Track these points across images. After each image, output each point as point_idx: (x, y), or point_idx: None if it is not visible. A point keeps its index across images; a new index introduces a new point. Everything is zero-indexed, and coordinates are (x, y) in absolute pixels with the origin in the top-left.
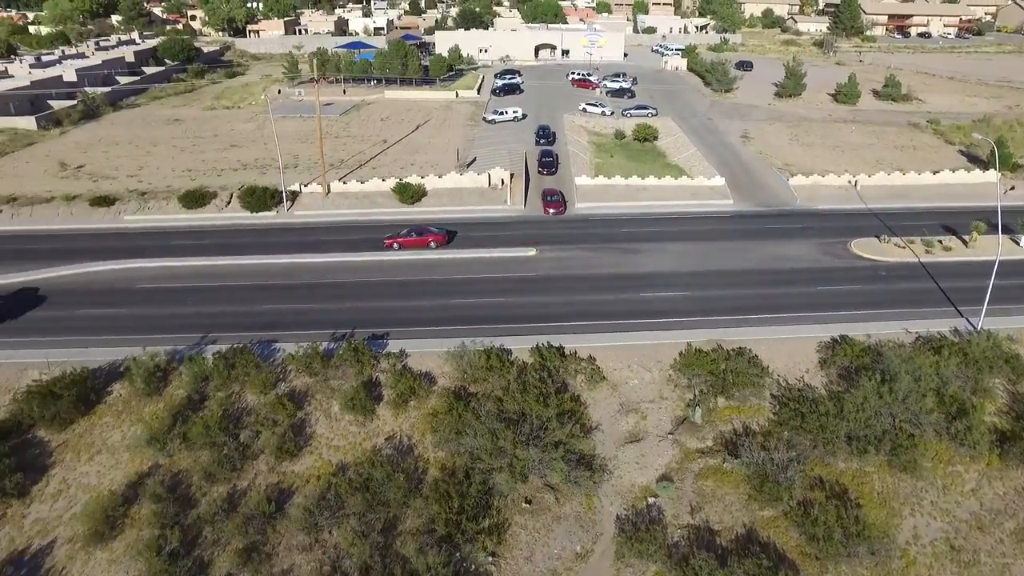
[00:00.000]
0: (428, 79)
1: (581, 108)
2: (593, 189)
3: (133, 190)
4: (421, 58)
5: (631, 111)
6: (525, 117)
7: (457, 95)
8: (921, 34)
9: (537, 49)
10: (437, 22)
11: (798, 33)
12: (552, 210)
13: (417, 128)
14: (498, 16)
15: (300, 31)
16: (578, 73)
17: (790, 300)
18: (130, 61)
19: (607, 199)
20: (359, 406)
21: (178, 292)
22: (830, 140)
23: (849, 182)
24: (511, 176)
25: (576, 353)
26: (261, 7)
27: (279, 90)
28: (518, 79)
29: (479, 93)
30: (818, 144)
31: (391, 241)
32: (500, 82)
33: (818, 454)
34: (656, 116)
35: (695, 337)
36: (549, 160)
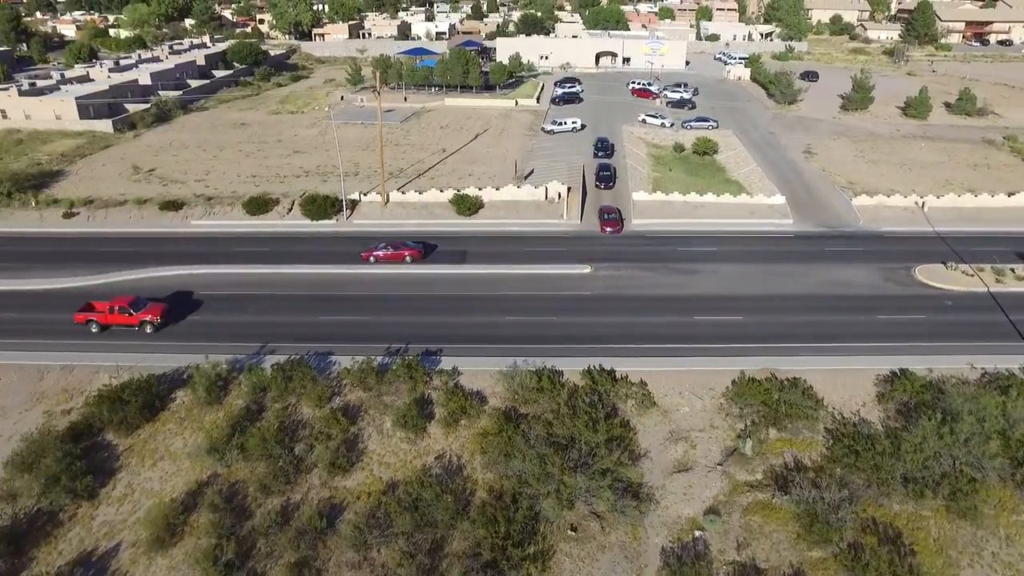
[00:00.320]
0: (488, 86)
1: (640, 119)
2: (650, 205)
3: (200, 195)
4: (482, 65)
5: (691, 123)
6: (584, 128)
7: (517, 103)
8: (1001, 42)
9: (598, 57)
10: (499, 27)
11: (867, 41)
12: (609, 228)
13: (476, 137)
14: (559, 21)
15: (364, 35)
16: (638, 83)
17: (848, 329)
18: (201, 64)
19: (664, 216)
20: (411, 424)
21: (239, 300)
22: (897, 157)
23: (916, 203)
24: (568, 190)
25: (627, 377)
26: (327, 9)
27: (341, 96)
28: (578, 88)
29: (538, 102)
30: (884, 161)
31: (367, 254)
32: (560, 91)
33: (872, 494)
34: (716, 128)
35: (748, 365)
36: (607, 175)
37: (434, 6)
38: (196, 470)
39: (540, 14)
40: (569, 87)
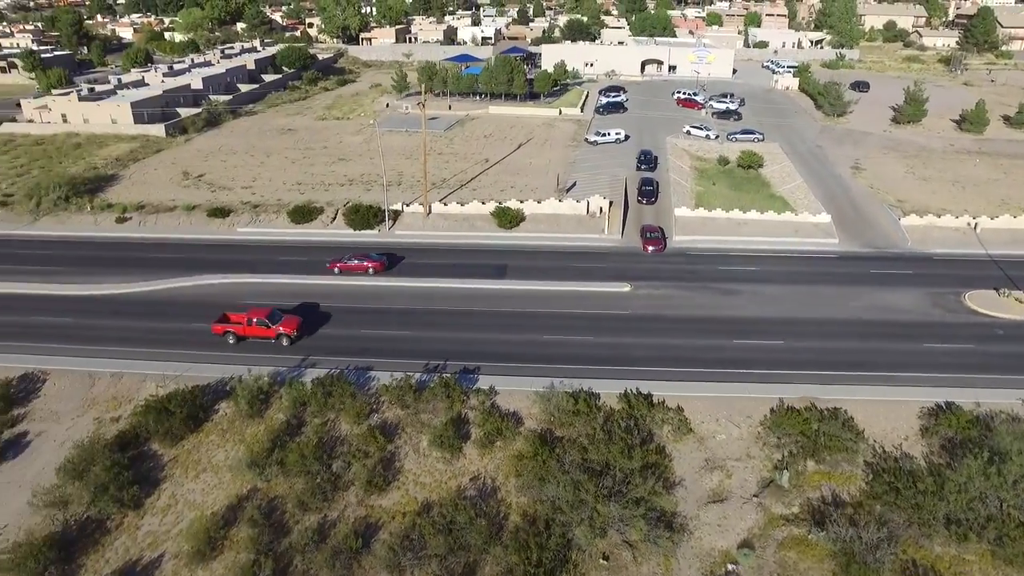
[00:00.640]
0: (533, 94)
1: (685, 130)
2: (692, 221)
3: (246, 202)
4: (527, 72)
5: (737, 135)
6: (628, 139)
7: (560, 112)
8: None
9: (643, 64)
10: (544, 32)
11: (922, 48)
12: (651, 247)
13: (519, 147)
14: (605, 26)
15: (410, 39)
16: (684, 92)
17: (892, 357)
18: (251, 69)
19: (706, 233)
20: (447, 444)
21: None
22: (950, 174)
23: (968, 224)
24: (610, 204)
25: (664, 402)
26: (374, 12)
27: (387, 104)
28: (622, 96)
29: (582, 111)
30: (936, 178)
31: (332, 264)
32: (604, 99)
33: (912, 535)
34: (762, 141)
35: (788, 393)
36: (649, 189)
37: (480, 10)
38: (237, 484)
39: (586, 19)
40: (613, 96)
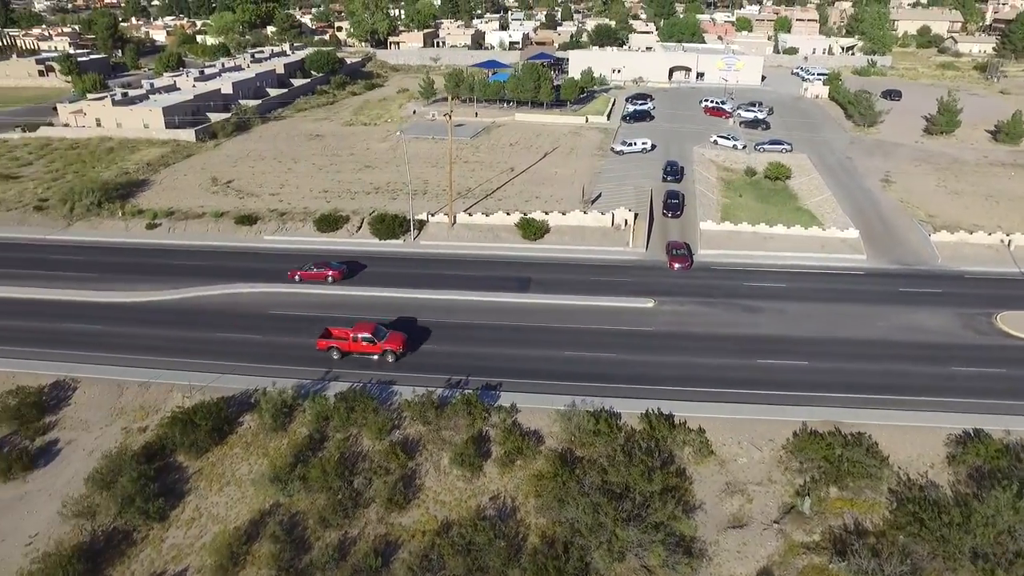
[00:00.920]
0: (559, 101)
1: (712, 140)
2: (718, 235)
3: (273, 210)
4: (554, 78)
5: (764, 145)
6: (654, 148)
7: (587, 120)
8: None
9: (671, 71)
10: (572, 37)
11: (957, 55)
12: (678, 265)
13: (544, 156)
14: (633, 31)
15: (438, 43)
16: (712, 100)
17: (919, 380)
18: (280, 73)
19: (732, 247)
20: (467, 462)
21: (306, 322)
22: (983, 188)
23: (1002, 241)
24: (635, 216)
25: (686, 423)
26: (403, 15)
27: (414, 110)
28: (649, 104)
29: (609, 119)
30: (968, 192)
31: (293, 273)
32: (631, 107)
33: (937, 568)
34: (790, 152)
35: (811, 416)
36: (675, 203)
37: (508, 13)
38: (259, 498)
39: (614, 24)
40: (640, 104)
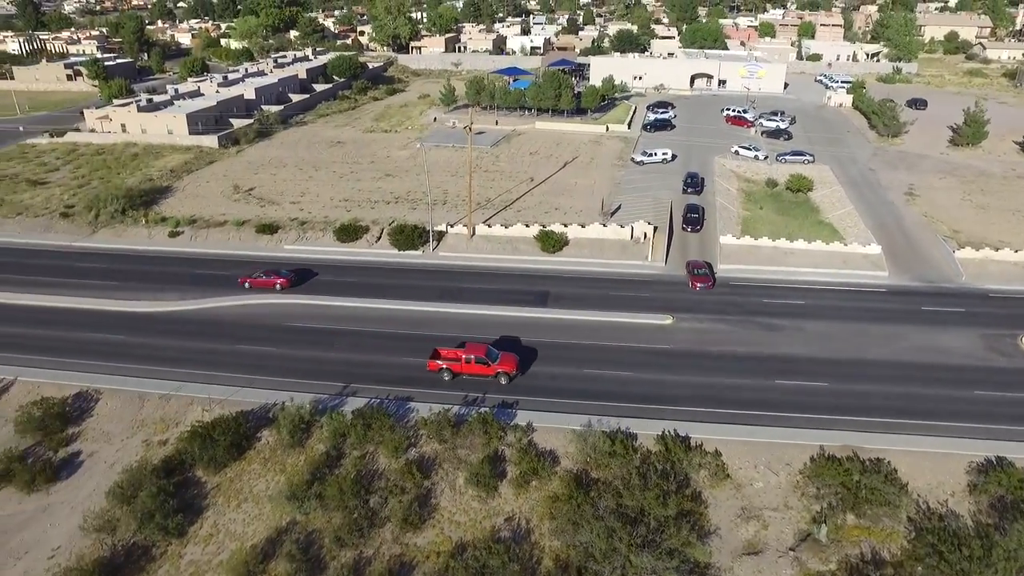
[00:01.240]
0: (580, 109)
1: (733, 150)
2: (737, 250)
3: (294, 219)
4: (575, 85)
5: (786, 156)
6: (674, 159)
7: (607, 129)
8: None
9: (693, 78)
10: (594, 42)
11: (985, 61)
12: (700, 284)
13: (564, 166)
14: (655, 36)
15: (459, 48)
16: (733, 110)
17: (940, 405)
18: (302, 78)
19: (751, 262)
20: (483, 482)
21: (324, 334)
22: (1011, 202)
23: None
24: (654, 230)
25: (702, 445)
26: (425, 19)
27: (434, 117)
28: (670, 113)
29: (629, 127)
30: (995, 207)
31: (243, 280)
32: (651, 116)
33: None
34: (812, 163)
35: (829, 440)
36: (694, 216)
37: (530, 16)
38: (276, 515)
39: (636, 28)
40: (661, 112)
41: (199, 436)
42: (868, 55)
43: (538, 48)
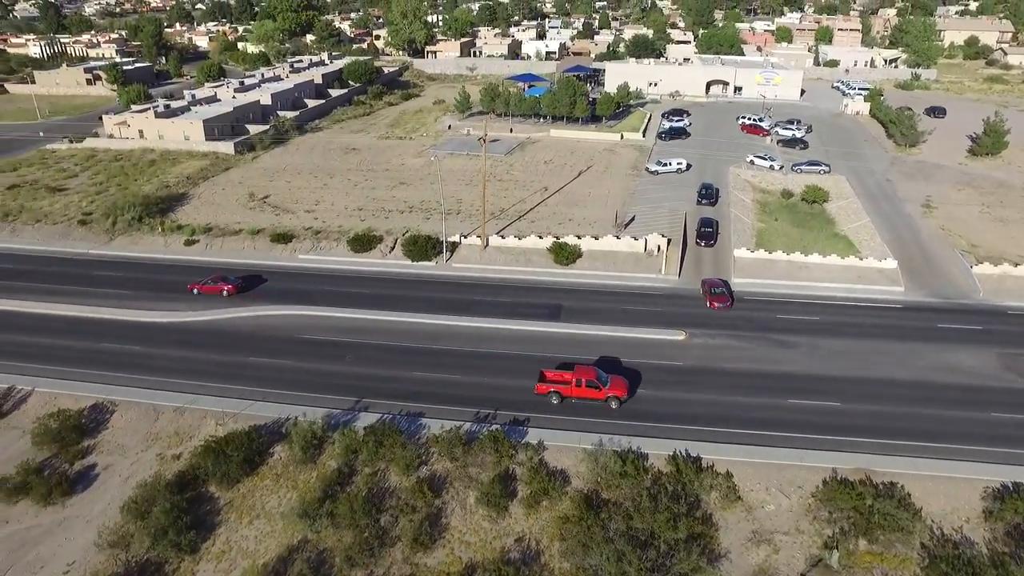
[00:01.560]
0: (595, 117)
1: (748, 160)
2: (752, 264)
3: (308, 228)
4: (590, 92)
5: (802, 166)
6: (689, 168)
7: (622, 137)
8: None
9: (708, 85)
10: (609, 47)
11: (1007, 67)
12: (719, 304)
13: (579, 175)
14: (671, 41)
15: (475, 53)
16: (749, 118)
17: (955, 427)
18: (318, 83)
19: (765, 276)
20: (493, 502)
21: (337, 347)
22: None
23: None
24: (668, 243)
25: (713, 466)
26: (440, 22)
27: (449, 125)
28: (685, 121)
29: (644, 135)
30: (1014, 220)
31: (192, 287)
32: (666, 124)
33: None
34: (828, 173)
35: (842, 462)
36: (708, 231)
37: (546, 20)
38: (288, 533)
39: (651, 33)
40: (676, 120)
41: (212, 451)
42: (886, 61)
43: (553, 53)
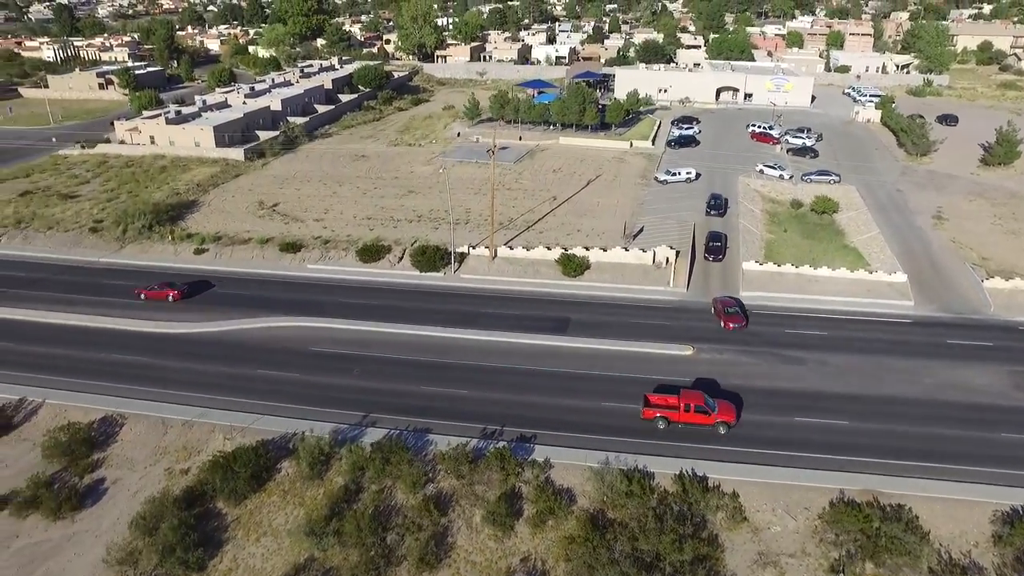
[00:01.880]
0: (604, 124)
1: (758, 169)
2: (760, 277)
3: (318, 237)
4: (600, 97)
5: (812, 176)
6: (698, 177)
7: (631, 145)
8: None
9: (718, 91)
10: (619, 52)
11: (1020, 73)
12: (734, 325)
13: (588, 184)
14: (681, 46)
15: (485, 58)
16: (759, 126)
17: (965, 447)
18: (328, 88)
19: (774, 289)
20: (499, 521)
21: (345, 360)
22: None
23: None
24: (676, 255)
25: (719, 486)
26: (451, 26)
27: (458, 132)
28: (695, 128)
29: (653, 143)
30: None
31: (138, 291)
32: (676, 132)
33: None
34: (838, 183)
35: (849, 483)
36: (717, 246)
37: (556, 23)
38: (295, 551)
39: (661, 39)
40: (686, 128)
41: (220, 467)
42: (898, 66)
43: (563, 58)
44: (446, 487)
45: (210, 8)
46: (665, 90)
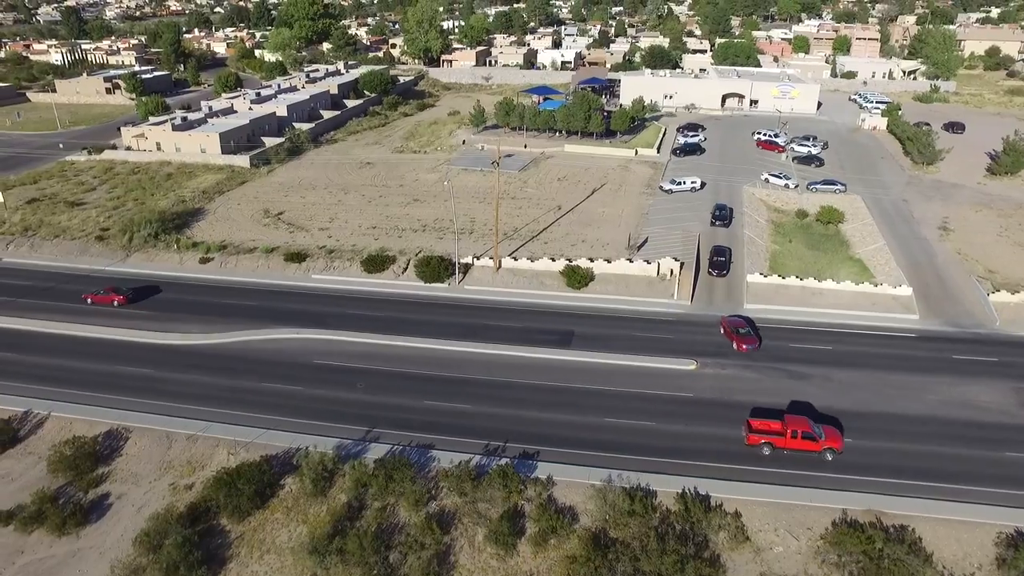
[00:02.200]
0: (610, 131)
1: (763, 178)
2: (764, 289)
3: (323, 246)
4: (605, 103)
5: (817, 185)
6: (703, 186)
7: (636, 153)
8: None
9: (724, 98)
10: (625, 56)
11: None
12: (747, 346)
13: (592, 193)
14: (687, 51)
15: (490, 62)
16: (764, 133)
17: (969, 466)
18: (333, 94)
19: (778, 302)
20: (502, 540)
21: (349, 373)
22: None
23: None
24: (680, 266)
25: (722, 505)
26: (457, 30)
27: (463, 140)
28: (700, 136)
29: (659, 151)
30: None
31: (86, 296)
32: (682, 139)
33: None
34: (844, 192)
35: (852, 503)
36: (721, 260)
37: (562, 27)
38: (298, 570)
39: (667, 43)
40: (691, 135)
41: (224, 484)
42: (905, 72)
43: (569, 63)
44: (449, 505)
45: (216, 10)
46: (671, 96)
